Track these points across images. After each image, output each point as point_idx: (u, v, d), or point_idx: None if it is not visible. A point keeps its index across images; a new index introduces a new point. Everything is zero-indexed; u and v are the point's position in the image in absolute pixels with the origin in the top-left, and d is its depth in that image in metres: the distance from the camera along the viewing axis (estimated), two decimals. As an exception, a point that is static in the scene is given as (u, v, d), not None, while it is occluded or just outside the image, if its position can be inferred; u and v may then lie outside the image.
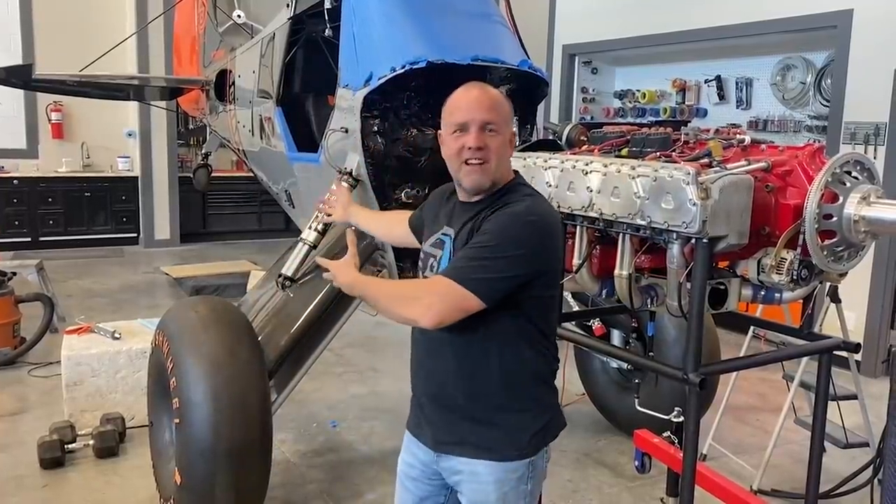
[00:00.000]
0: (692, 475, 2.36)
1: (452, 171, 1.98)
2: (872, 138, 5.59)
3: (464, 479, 1.99)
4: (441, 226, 2.05)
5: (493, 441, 1.95)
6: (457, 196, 2.05)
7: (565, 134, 2.98)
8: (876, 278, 5.64)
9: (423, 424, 2.05)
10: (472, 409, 1.95)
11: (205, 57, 7.00)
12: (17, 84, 7.13)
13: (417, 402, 2.09)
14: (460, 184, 1.97)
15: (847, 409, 3.87)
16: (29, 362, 5.41)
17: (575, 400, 4.87)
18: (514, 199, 1.93)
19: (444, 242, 2.01)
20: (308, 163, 4.06)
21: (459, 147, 1.91)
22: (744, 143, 2.45)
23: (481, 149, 1.88)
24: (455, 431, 1.98)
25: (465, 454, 1.97)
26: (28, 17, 9.70)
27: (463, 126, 1.90)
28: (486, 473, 1.95)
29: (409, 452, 2.13)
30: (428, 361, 2.02)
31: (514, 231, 1.84)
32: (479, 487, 1.97)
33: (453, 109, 1.94)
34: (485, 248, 1.83)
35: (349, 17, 3.52)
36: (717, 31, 6.72)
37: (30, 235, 9.63)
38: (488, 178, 1.92)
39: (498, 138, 1.92)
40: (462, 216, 1.99)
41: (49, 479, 3.80)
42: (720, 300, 2.43)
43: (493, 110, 1.92)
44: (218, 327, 3.10)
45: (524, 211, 1.87)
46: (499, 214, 1.88)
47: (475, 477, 1.97)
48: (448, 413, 1.99)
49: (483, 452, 1.95)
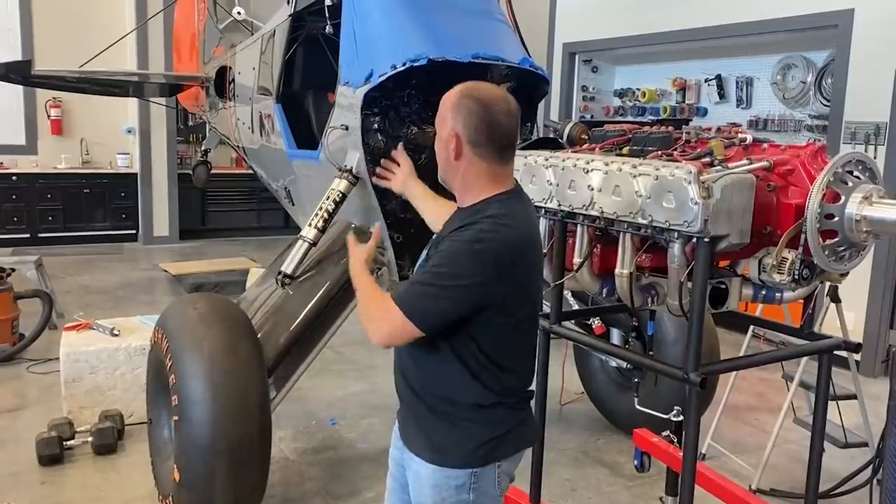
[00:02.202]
0: (692, 474, 2.36)
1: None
2: (873, 138, 5.59)
3: (410, 478, 2.02)
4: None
5: (437, 444, 1.94)
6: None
7: (566, 132, 2.98)
8: (876, 278, 5.64)
9: (398, 417, 2.11)
10: (421, 409, 1.98)
11: (205, 53, 6.99)
12: (16, 80, 7.11)
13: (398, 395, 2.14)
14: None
15: (846, 409, 3.88)
16: (27, 359, 5.41)
17: (574, 399, 4.87)
18: (477, 218, 1.85)
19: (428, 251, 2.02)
20: (308, 160, 4.05)
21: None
22: (745, 142, 2.44)
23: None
24: (409, 428, 2.03)
25: (414, 452, 2.00)
26: (27, 13, 9.68)
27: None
28: (426, 475, 1.95)
29: (392, 445, 2.17)
30: (400, 355, 2.05)
31: (462, 259, 1.80)
32: (418, 488, 1.98)
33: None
34: (434, 274, 1.84)
35: (350, 15, 3.51)
36: (718, 30, 6.72)
37: (29, 232, 9.62)
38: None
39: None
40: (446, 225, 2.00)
41: (47, 475, 3.79)
42: (721, 299, 2.43)
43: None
44: (217, 324, 3.09)
45: (474, 237, 1.80)
46: (455, 236, 1.84)
47: (417, 477, 1.98)
48: (406, 408, 2.04)
49: (426, 453, 1.96)
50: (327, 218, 3.43)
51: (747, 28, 6.50)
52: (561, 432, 4.46)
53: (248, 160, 6.04)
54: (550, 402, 3.15)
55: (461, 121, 1.87)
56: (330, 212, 3.43)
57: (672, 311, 2.42)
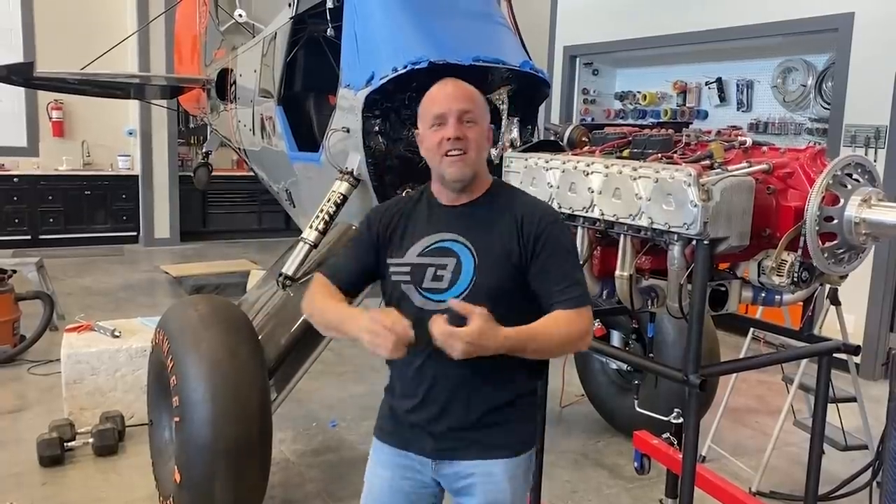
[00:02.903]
0: (691, 476, 2.36)
1: (433, 166, 1.96)
2: (873, 141, 5.59)
3: (476, 482, 1.97)
4: (431, 233, 1.96)
5: (504, 438, 1.97)
6: (433, 200, 2.01)
7: (566, 135, 2.98)
8: (876, 281, 5.64)
9: (417, 435, 2.00)
10: (486, 411, 1.94)
11: (206, 56, 7.01)
12: (18, 82, 7.15)
13: (401, 415, 2.02)
14: (443, 177, 1.94)
15: (846, 412, 3.88)
16: (28, 360, 5.41)
17: (574, 401, 4.88)
18: (520, 196, 2.01)
19: (452, 250, 1.93)
20: (309, 162, 4.06)
21: (439, 140, 1.90)
22: (745, 144, 2.45)
23: (460, 139, 1.88)
24: (465, 436, 1.96)
25: (477, 457, 1.95)
26: (29, 15, 9.70)
27: (441, 117, 1.90)
28: (500, 472, 1.96)
29: (387, 466, 2.06)
30: (433, 372, 1.94)
31: (568, 234, 1.98)
32: (494, 487, 1.96)
33: (430, 104, 1.95)
34: (575, 265, 1.95)
35: (351, 17, 3.53)
36: (718, 33, 6.72)
37: (30, 233, 9.63)
38: (470, 169, 1.91)
39: (476, 128, 1.92)
40: (465, 221, 1.95)
41: (48, 476, 3.79)
42: (720, 302, 2.43)
43: (469, 101, 1.93)
44: (218, 326, 3.09)
45: (555, 212, 2.02)
46: (544, 218, 1.93)
47: (490, 478, 1.96)
48: (457, 419, 1.95)
49: (496, 451, 1.96)
50: (328, 220, 3.44)
51: (748, 31, 6.50)
52: (561, 434, 4.46)
53: (249, 162, 6.05)
54: (551, 404, 3.15)
55: (488, 114, 1.99)
56: (331, 214, 3.44)
57: (672, 314, 2.42)
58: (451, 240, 1.93)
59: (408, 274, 1.95)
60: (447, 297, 1.88)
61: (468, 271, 1.90)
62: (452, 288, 1.90)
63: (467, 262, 1.91)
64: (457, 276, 1.90)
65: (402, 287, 1.96)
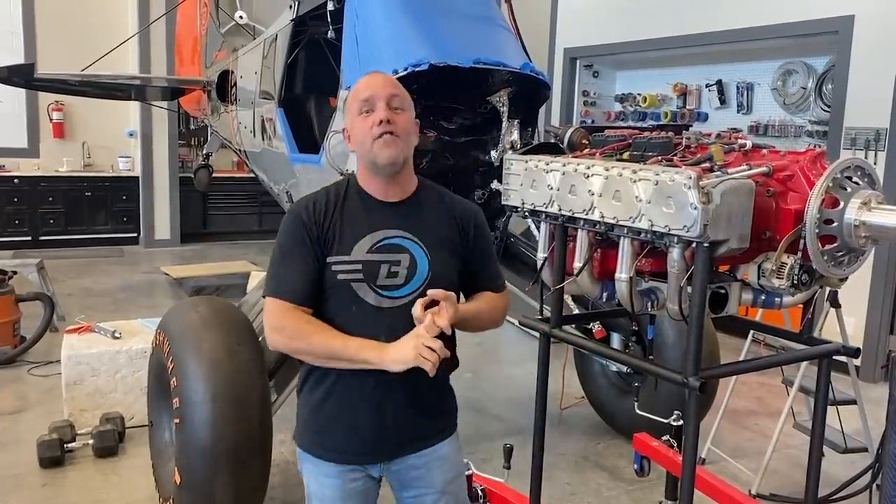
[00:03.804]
0: (691, 479, 2.36)
1: (363, 154, 1.97)
2: (873, 144, 5.60)
3: (431, 467, 2.06)
4: (375, 229, 1.94)
5: (446, 420, 2.14)
6: (364, 194, 2.00)
7: (566, 137, 2.98)
8: (876, 283, 5.64)
9: (365, 447, 2.00)
10: (430, 403, 2.06)
11: (207, 57, 7.02)
12: (18, 83, 7.15)
13: (346, 427, 1.98)
14: (375, 163, 1.94)
15: (846, 414, 3.88)
16: (29, 361, 5.42)
17: (574, 403, 4.88)
18: (445, 192, 2.14)
19: (403, 246, 1.94)
20: (309, 164, 4.07)
21: (369, 125, 1.92)
22: (745, 147, 2.45)
23: (390, 122, 1.91)
24: (421, 429, 2.05)
25: (429, 445, 2.06)
26: (30, 17, 9.72)
27: (368, 101, 1.93)
28: (450, 451, 2.12)
29: (332, 475, 2.01)
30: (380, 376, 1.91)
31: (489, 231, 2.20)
32: (449, 465, 2.11)
33: (358, 92, 1.98)
34: (493, 253, 2.20)
35: (352, 19, 3.53)
36: (719, 35, 6.73)
37: (30, 234, 9.65)
38: (400, 154, 1.94)
39: (404, 115, 1.96)
40: (406, 217, 1.98)
41: (48, 478, 3.80)
42: (720, 304, 2.43)
43: (396, 87, 1.98)
44: (219, 327, 3.10)
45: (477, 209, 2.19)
46: (474, 213, 2.14)
47: (443, 459, 2.08)
48: (414, 415, 2.02)
49: (445, 434, 2.11)
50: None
51: (748, 34, 6.51)
52: (561, 436, 4.46)
53: (249, 164, 6.06)
54: (550, 406, 3.15)
55: (413, 107, 2.03)
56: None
57: (672, 316, 2.42)
58: (399, 236, 1.96)
59: (359, 272, 1.92)
60: (403, 293, 1.94)
61: (423, 267, 1.95)
62: (409, 283, 1.94)
63: (420, 257, 1.96)
64: (412, 272, 1.94)
65: (352, 286, 1.92)
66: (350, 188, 2.03)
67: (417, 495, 2.08)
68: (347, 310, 1.92)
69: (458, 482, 2.18)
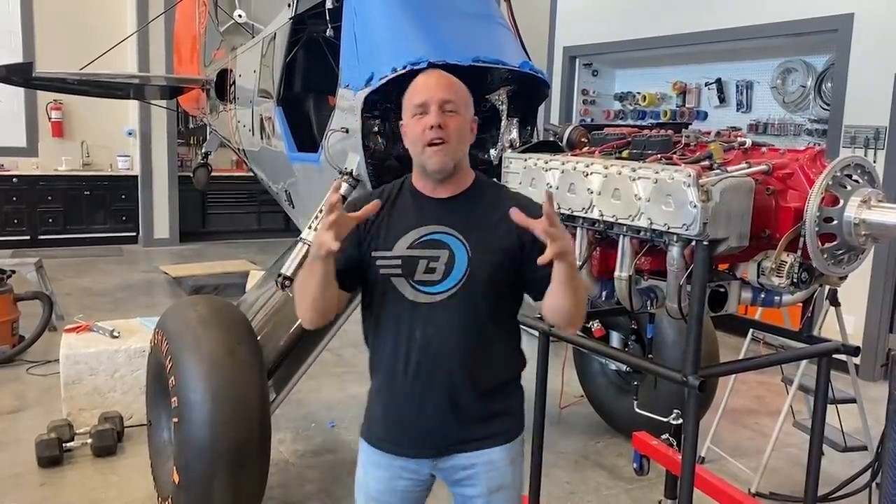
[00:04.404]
0: (691, 477, 2.36)
1: (415, 156, 1.96)
2: (872, 142, 5.59)
3: (479, 471, 2.00)
4: (420, 225, 1.95)
5: (502, 425, 2.03)
6: (416, 192, 2.00)
7: (566, 135, 2.98)
8: (875, 282, 5.64)
9: (414, 439, 2.01)
10: (484, 403, 1.98)
11: (205, 56, 7.00)
12: (17, 82, 7.13)
13: (396, 418, 2.03)
14: (424, 168, 1.94)
15: (846, 413, 3.88)
16: (27, 360, 5.41)
17: (574, 402, 4.87)
18: (506, 191, 2.07)
19: (444, 242, 1.93)
20: (308, 163, 4.06)
21: (421, 129, 1.90)
22: (744, 145, 2.45)
23: (441, 127, 1.88)
24: (464, 432, 1.98)
25: (478, 447, 1.99)
26: (29, 15, 9.70)
27: (422, 106, 1.91)
28: (500, 458, 2.01)
29: (380, 467, 2.06)
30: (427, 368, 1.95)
31: None
32: (497, 473, 2.01)
33: (413, 94, 1.96)
34: None
35: (350, 18, 3.52)
36: (718, 34, 6.72)
37: (29, 234, 9.63)
38: (451, 159, 1.91)
39: (457, 118, 1.92)
40: (454, 213, 1.95)
41: (46, 477, 3.79)
42: (720, 303, 2.43)
43: (450, 91, 1.94)
44: (217, 326, 3.09)
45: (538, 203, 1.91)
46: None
47: (492, 465, 2.00)
48: (456, 417, 1.97)
49: (496, 439, 2.01)
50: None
51: (747, 32, 6.50)
52: (560, 435, 4.46)
53: (248, 162, 6.05)
54: (550, 405, 3.15)
55: (471, 107, 1.98)
56: (330, 214, 3.43)
57: (671, 315, 2.42)
58: (441, 232, 1.94)
59: (398, 267, 1.93)
60: (440, 288, 1.91)
61: (462, 264, 1.91)
62: (446, 280, 1.91)
63: (460, 254, 1.92)
64: (450, 269, 1.91)
65: (391, 280, 1.94)
66: (404, 186, 2.04)
67: (464, 497, 2.06)
68: (388, 304, 1.94)
69: (506, 494, 2.04)
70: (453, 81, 1.97)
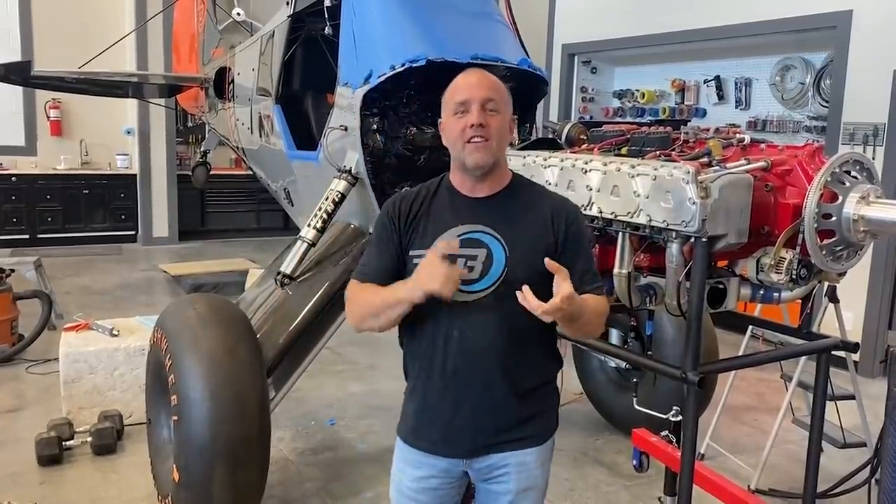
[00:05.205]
0: (690, 474, 2.36)
1: (455, 154, 1.96)
2: (871, 139, 5.59)
3: (511, 471, 2.02)
4: (458, 223, 1.95)
5: (536, 428, 2.04)
6: (454, 190, 2.01)
7: (565, 133, 2.98)
8: (874, 278, 5.64)
9: (448, 439, 2.01)
10: (519, 406, 1.99)
11: (204, 55, 7.00)
12: (15, 81, 7.11)
13: (430, 418, 2.02)
14: (465, 164, 1.94)
15: (845, 409, 3.88)
16: (27, 359, 5.41)
17: (573, 399, 4.88)
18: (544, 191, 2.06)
19: (482, 241, 1.93)
20: (307, 161, 4.06)
21: (462, 127, 1.91)
22: (743, 142, 2.45)
23: (483, 126, 1.89)
24: (499, 434, 1.99)
25: (512, 448, 2.01)
26: (27, 14, 9.69)
27: (464, 104, 1.91)
28: (533, 460, 2.03)
29: (414, 465, 2.06)
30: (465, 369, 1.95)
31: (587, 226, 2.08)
32: (528, 474, 2.03)
33: (454, 92, 1.96)
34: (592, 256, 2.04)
35: (349, 16, 3.52)
36: (717, 31, 6.72)
37: (28, 232, 9.63)
38: (492, 157, 1.92)
39: (498, 117, 1.92)
40: (492, 213, 1.96)
41: (46, 476, 3.79)
42: (719, 299, 2.44)
43: (492, 90, 1.94)
44: (216, 325, 3.09)
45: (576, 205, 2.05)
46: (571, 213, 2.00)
47: (524, 466, 2.02)
48: (491, 419, 1.98)
49: (530, 441, 2.03)
50: (326, 218, 3.44)
51: (746, 29, 6.50)
52: (560, 432, 4.37)
53: (247, 161, 6.04)
54: (549, 402, 3.14)
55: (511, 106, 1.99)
56: (329, 212, 3.43)
57: (670, 311, 2.43)
58: (480, 231, 1.94)
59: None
60: (477, 287, 1.91)
61: (499, 263, 1.91)
62: (483, 279, 1.91)
63: (498, 253, 1.92)
64: (488, 268, 1.91)
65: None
66: (442, 184, 2.04)
67: (490, 492, 2.07)
68: (424, 303, 1.91)
69: (533, 495, 2.06)
70: (495, 80, 1.98)
